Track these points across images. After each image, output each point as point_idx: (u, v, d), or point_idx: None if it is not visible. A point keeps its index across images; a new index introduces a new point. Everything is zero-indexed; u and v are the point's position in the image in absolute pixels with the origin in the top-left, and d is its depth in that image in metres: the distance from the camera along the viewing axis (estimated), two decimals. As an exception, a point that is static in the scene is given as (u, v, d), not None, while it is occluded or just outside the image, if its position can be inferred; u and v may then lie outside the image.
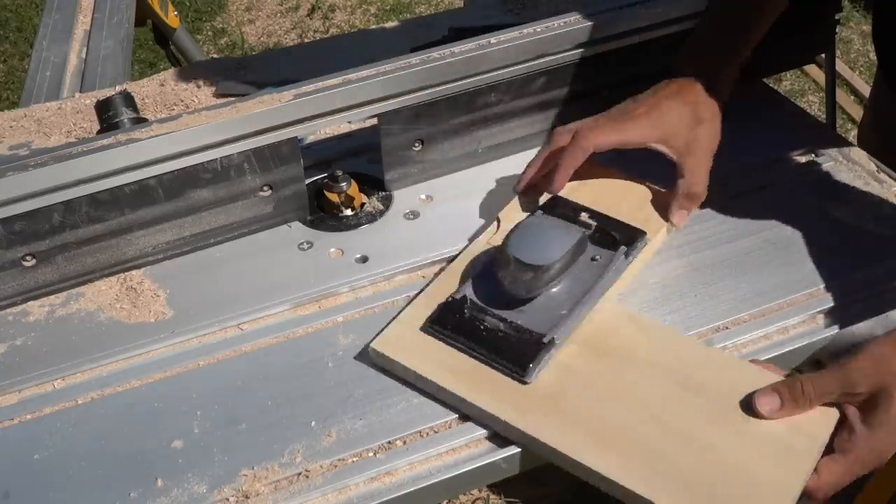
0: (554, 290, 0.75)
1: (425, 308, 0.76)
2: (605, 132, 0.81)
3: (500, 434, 0.69)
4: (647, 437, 0.66)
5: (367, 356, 0.75)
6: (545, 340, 0.71)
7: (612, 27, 0.93)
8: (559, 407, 0.68)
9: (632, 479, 0.63)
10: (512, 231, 0.76)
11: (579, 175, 0.84)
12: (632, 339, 0.73)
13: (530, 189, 0.86)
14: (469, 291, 0.75)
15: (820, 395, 0.65)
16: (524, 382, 0.70)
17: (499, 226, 0.84)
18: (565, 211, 0.82)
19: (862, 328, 0.76)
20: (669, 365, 0.71)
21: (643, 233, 0.81)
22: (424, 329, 0.74)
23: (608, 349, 0.73)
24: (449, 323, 0.73)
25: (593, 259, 0.78)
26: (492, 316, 0.73)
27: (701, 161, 0.82)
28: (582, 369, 0.71)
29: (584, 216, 0.82)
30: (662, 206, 0.84)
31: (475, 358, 0.72)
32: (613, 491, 0.64)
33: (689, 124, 0.82)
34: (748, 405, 0.67)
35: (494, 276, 0.75)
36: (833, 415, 0.66)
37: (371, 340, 0.75)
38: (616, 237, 0.80)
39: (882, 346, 0.64)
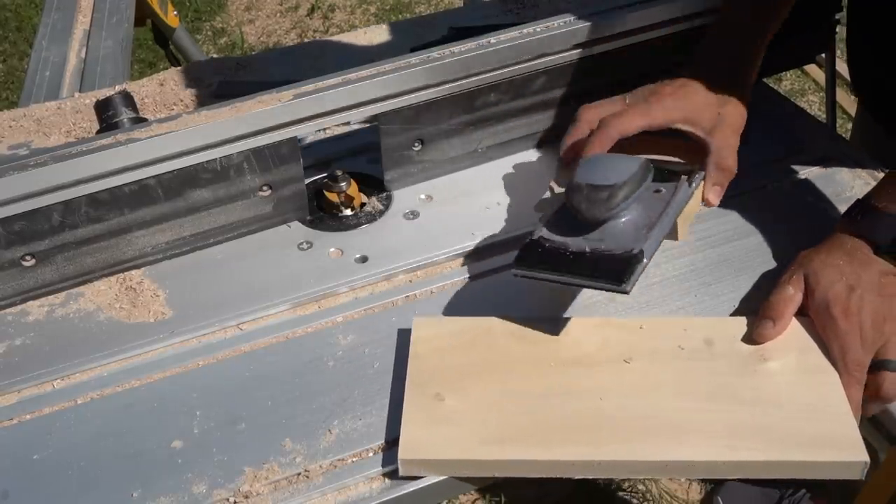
0: (626, 218, 0.75)
1: (420, 398, 0.69)
2: (631, 117, 0.81)
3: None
4: (698, 411, 0.68)
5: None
6: (635, 252, 0.71)
7: (612, 27, 0.93)
8: (617, 423, 0.67)
9: (719, 451, 0.65)
10: (577, 165, 0.76)
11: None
12: (622, 341, 0.74)
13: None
14: (543, 232, 0.76)
15: (788, 302, 0.74)
16: (625, 292, 0.69)
17: (552, 191, 0.87)
18: None
19: None
20: (668, 347, 0.73)
21: (699, 167, 0.81)
22: (516, 268, 0.73)
23: (609, 357, 0.72)
24: (532, 258, 0.74)
25: (657, 192, 0.78)
26: (574, 243, 0.74)
27: (728, 137, 0.82)
28: (603, 384, 0.70)
29: None
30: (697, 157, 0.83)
31: (568, 284, 0.72)
32: (702, 472, 0.66)
33: (715, 104, 0.82)
34: (752, 342, 0.73)
35: (565, 214, 0.76)
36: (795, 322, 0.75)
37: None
38: (675, 171, 0.81)
39: (807, 251, 0.77)
